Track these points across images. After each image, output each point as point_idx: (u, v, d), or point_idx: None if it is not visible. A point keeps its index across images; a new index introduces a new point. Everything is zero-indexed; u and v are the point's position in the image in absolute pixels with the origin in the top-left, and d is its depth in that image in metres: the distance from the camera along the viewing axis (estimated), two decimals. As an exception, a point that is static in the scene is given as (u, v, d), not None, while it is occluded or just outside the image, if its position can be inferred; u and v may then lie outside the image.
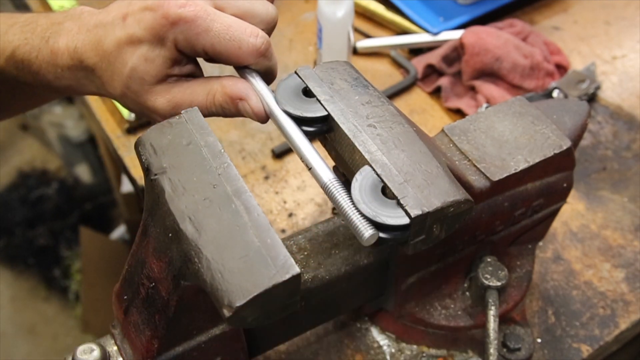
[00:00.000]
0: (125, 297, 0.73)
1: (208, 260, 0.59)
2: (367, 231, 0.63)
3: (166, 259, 0.65)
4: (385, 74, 1.42)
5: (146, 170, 0.67)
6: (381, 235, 0.64)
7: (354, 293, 0.87)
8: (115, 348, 0.76)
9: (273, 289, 0.57)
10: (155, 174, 0.66)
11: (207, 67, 0.83)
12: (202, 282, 0.59)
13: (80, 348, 0.73)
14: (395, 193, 0.65)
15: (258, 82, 0.76)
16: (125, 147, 1.29)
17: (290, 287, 0.58)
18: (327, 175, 0.68)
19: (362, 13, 1.53)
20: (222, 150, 0.67)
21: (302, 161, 0.71)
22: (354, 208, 0.65)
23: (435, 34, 1.43)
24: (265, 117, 0.75)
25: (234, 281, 0.57)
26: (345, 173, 0.75)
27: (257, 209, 0.62)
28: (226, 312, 0.57)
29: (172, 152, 0.67)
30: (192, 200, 0.63)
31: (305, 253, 0.80)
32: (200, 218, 0.62)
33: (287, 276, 0.57)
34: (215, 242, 0.60)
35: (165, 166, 0.66)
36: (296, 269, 0.58)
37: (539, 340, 0.99)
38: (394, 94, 1.36)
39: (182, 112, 0.70)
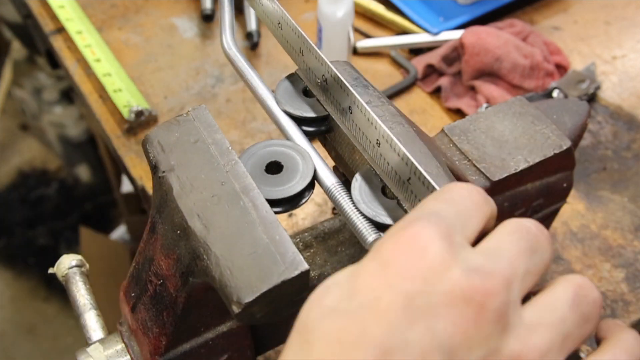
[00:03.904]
0: (133, 294, 0.73)
1: (217, 257, 0.59)
2: (370, 236, 0.64)
3: (174, 256, 0.65)
4: (385, 74, 1.42)
5: (154, 167, 0.67)
6: (381, 235, 0.64)
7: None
8: (122, 345, 0.76)
9: (282, 285, 0.57)
10: (163, 172, 0.66)
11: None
12: (210, 278, 0.60)
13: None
14: (395, 193, 0.65)
15: (260, 84, 0.77)
16: (125, 147, 1.29)
17: (299, 284, 0.59)
18: (330, 178, 0.69)
19: (362, 13, 1.53)
20: (230, 148, 0.67)
21: None
22: (356, 211, 0.65)
23: (435, 34, 1.43)
24: None
25: (242, 278, 0.58)
26: (345, 173, 0.75)
27: (265, 205, 0.62)
28: (235, 309, 0.57)
29: (179, 150, 0.67)
30: (200, 197, 0.63)
31: (312, 250, 0.80)
32: (208, 215, 0.62)
33: (296, 272, 0.58)
34: (224, 239, 0.60)
35: (173, 164, 0.66)
36: (305, 265, 0.58)
37: (539, 339, 0.99)
38: (394, 94, 1.36)
39: (190, 110, 0.71)
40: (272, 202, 0.65)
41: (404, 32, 1.49)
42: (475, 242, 0.50)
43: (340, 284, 0.46)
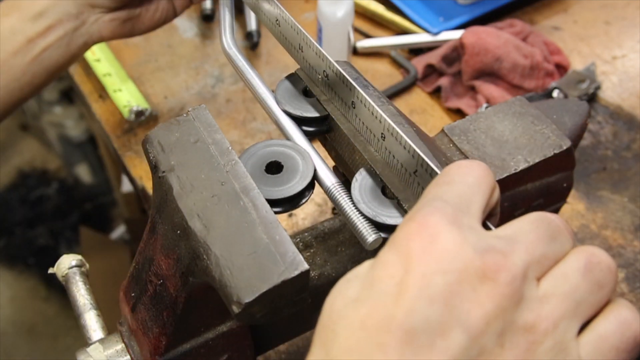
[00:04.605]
0: (133, 294, 0.73)
1: (217, 257, 0.59)
2: (370, 236, 0.64)
3: (174, 256, 0.65)
4: (385, 74, 1.42)
5: (154, 167, 0.67)
6: (381, 235, 0.64)
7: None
8: (122, 345, 0.76)
9: (282, 285, 0.57)
10: (163, 172, 0.66)
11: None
12: (210, 278, 0.60)
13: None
14: (396, 193, 0.65)
15: (260, 84, 0.77)
16: (125, 147, 1.29)
17: (299, 284, 0.59)
18: (330, 178, 0.69)
19: (362, 13, 1.53)
20: (230, 148, 0.67)
21: None
22: (356, 211, 0.65)
23: (435, 34, 1.43)
24: None
25: (242, 277, 0.57)
26: (345, 173, 0.75)
27: (265, 205, 0.62)
28: (235, 309, 0.57)
29: (179, 150, 0.67)
30: (200, 197, 0.63)
31: (312, 250, 0.80)
32: (208, 215, 0.62)
33: (296, 272, 0.58)
34: (224, 239, 0.60)
35: (173, 164, 0.66)
36: (305, 265, 0.58)
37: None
38: (394, 94, 1.36)
39: (190, 110, 0.71)
40: (272, 202, 0.65)
41: (404, 32, 1.49)
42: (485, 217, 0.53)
43: (360, 276, 0.48)
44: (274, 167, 0.69)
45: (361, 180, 0.67)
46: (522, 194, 0.84)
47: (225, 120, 1.32)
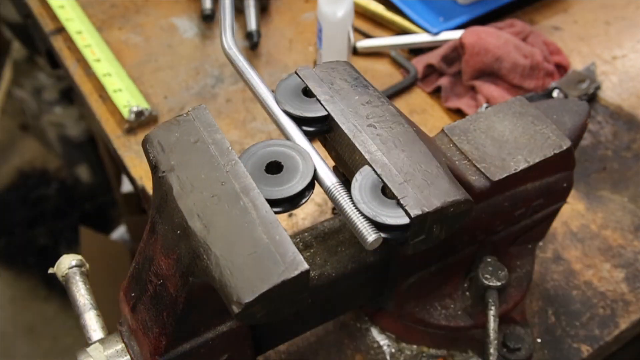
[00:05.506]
0: (133, 294, 0.73)
1: (217, 257, 0.59)
2: (370, 235, 0.64)
3: (174, 256, 0.65)
4: (385, 74, 1.42)
5: (154, 167, 0.67)
6: (381, 234, 0.64)
7: (359, 290, 0.87)
8: (122, 345, 0.76)
9: (282, 285, 0.57)
10: (163, 172, 0.66)
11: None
12: (210, 278, 0.60)
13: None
14: (395, 193, 0.65)
15: (260, 84, 0.77)
16: (125, 147, 1.29)
17: (299, 284, 0.59)
18: (330, 178, 0.69)
19: (362, 13, 1.53)
20: (230, 148, 0.67)
21: None
22: (356, 211, 0.65)
23: (435, 34, 1.43)
24: None
25: (242, 277, 0.58)
26: (345, 173, 0.75)
27: (265, 205, 0.62)
28: (235, 308, 0.57)
29: (180, 150, 0.67)
30: (200, 197, 0.63)
31: (312, 250, 0.80)
32: (208, 215, 0.62)
33: (296, 272, 0.58)
34: (224, 239, 0.60)
35: (173, 164, 0.66)
36: (305, 265, 0.58)
37: (539, 340, 0.99)
38: (394, 94, 1.36)
39: (190, 110, 0.71)
40: (272, 202, 0.65)
41: (404, 32, 1.49)
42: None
43: None
44: (274, 167, 0.69)
45: (361, 180, 0.67)
46: (522, 194, 0.85)
47: (225, 120, 1.32)
